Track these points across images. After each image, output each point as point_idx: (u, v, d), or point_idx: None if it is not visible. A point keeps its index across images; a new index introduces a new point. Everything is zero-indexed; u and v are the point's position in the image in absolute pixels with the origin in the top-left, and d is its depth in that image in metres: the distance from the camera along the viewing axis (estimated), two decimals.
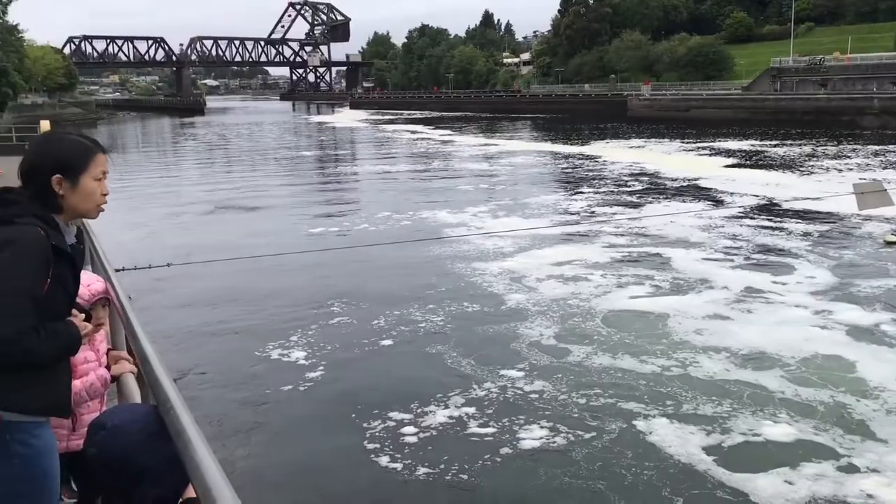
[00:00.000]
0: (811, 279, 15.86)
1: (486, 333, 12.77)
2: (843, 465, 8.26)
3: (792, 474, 8.03)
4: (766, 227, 21.65)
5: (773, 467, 8.19)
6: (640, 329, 12.81)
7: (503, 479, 8.12)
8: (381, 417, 9.48)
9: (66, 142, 2.69)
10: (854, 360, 11.22)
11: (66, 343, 2.60)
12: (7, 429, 2.50)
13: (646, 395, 10.09)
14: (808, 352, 11.56)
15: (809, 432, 9.00)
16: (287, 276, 16.41)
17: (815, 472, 8.07)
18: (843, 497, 7.62)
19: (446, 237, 20.72)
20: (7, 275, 2.39)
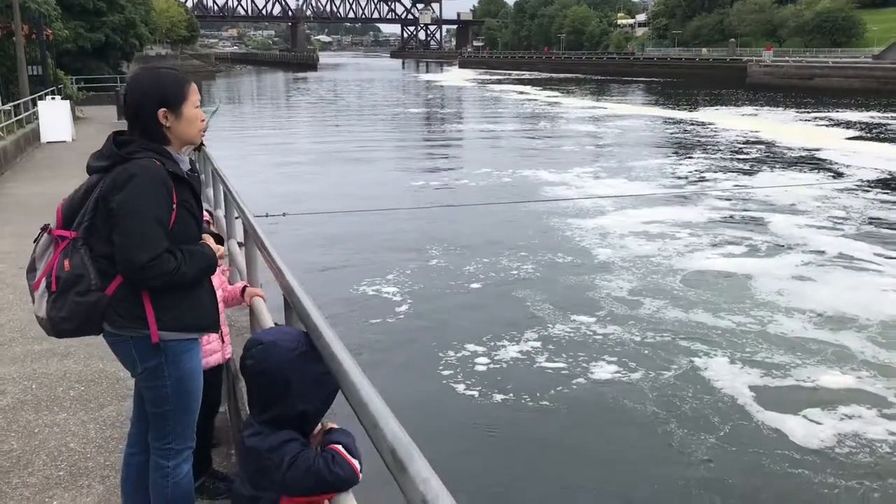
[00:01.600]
0: None
1: (568, 282, 13.36)
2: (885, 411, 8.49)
3: (832, 417, 8.37)
4: (883, 202, 20.78)
5: (822, 410, 8.53)
6: (723, 287, 13.10)
7: (572, 405, 8.78)
8: (460, 349, 10.26)
9: (163, 76, 2.84)
10: None
11: (203, 263, 2.84)
12: (164, 350, 2.80)
13: (713, 341, 10.53)
14: (889, 316, 11.52)
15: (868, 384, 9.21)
16: (389, 224, 17.29)
17: (853, 413, 8.45)
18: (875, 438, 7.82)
19: (544, 199, 21.09)
20: (134, 206, 2.64)
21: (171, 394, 2.87)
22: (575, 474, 7.57)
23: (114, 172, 2.69)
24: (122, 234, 2.64)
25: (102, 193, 2.70)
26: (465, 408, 8.71)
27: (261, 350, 2.39)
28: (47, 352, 5.84)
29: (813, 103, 56.31)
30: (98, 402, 4.94)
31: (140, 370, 2.85)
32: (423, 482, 1.51)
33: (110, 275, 2.71)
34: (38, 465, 4.14)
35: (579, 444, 8.07)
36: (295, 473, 2.26)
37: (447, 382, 9.31)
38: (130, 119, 2.81)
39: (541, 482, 7.37)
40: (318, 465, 2.27)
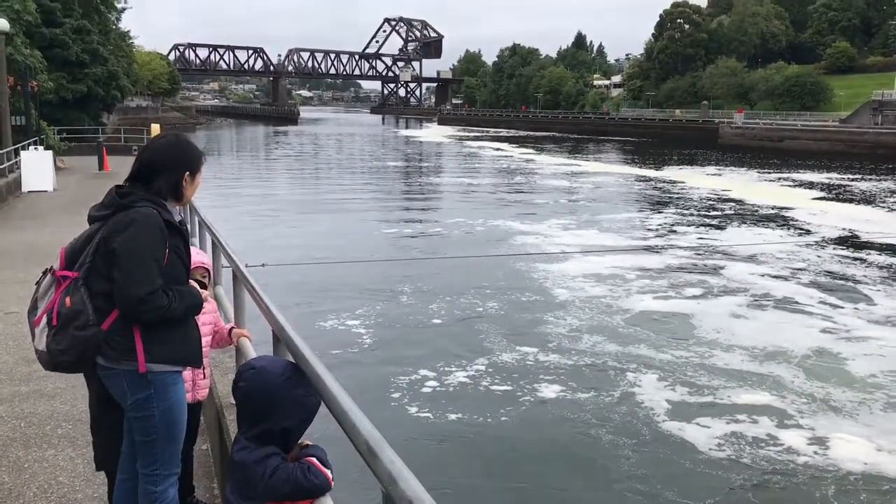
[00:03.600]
0: (873, 306, 16.30)
1: (524, 319, 14.52)
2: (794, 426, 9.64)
3: (740, 426, 9.59)
4: (843, 257, 21.79)
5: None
6: (666, 323, 14.36)
7: (515, 422, 9.87)
8: (413, 374, 11.44)
9: (193, 147, 3.32)
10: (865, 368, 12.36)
11: (191, 302, 3.13)
12: (153, 383, 3.04)
13: (645, 367, 11.90)
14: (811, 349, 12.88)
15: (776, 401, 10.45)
16: (364, 271, 18.19)
17: (758, 424, 9.60)
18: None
19: (514, 246, 22.07)
20: (134, 246, 2.94)
21: (159, 423, 3.09)
22: (518, 473, 8.53)
23: (115, 218, 3.02)
24: (122, 271, 2.92)
25: (104, 236, 3.00)
26: (417, 422, 9.77)
27: (252, 374, 2.74)
28: (35, 393, 5.98)
29: (782, 164, 58.39)
30: (85, 440, 4.93)
31: (130, 402, 3.06)
32: (390, 464, 1.95)
33: (105, 311, 2.98)
34: (28, 496, 4.30)
35: (522, 449, 9.10)
36: (276, 482, 2.59)
37: (400, 401, 10.45)
38: (144, 174, 3.16)
39: (486, 480, 8.37)
40: (296, 475, 2.63)
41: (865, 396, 10.90)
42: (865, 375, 11.78)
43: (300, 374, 2.77)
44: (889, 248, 22.65)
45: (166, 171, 3.16)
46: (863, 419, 10.11)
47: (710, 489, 8.18)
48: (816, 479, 8.48)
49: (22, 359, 6.72)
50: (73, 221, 13.16)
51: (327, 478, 2.72)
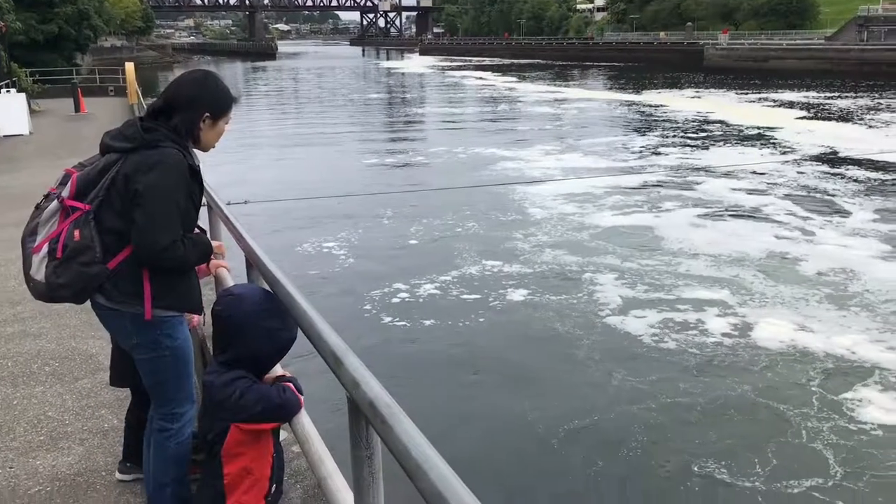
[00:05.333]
0: (845, 218, 16.92)
1: (498, 236, 15.26)
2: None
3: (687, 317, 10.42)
4: (823, 173, 22.28)
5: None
6: (639, 239, 15.09)
7: (485, 324, 10.78)
8: (387, 288, 12.23)
9: (222, 88, 3.10)
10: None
11: (203, 250, 3.05)
12: (159, 325, 2.97)
13: (611, 275, 12.73)
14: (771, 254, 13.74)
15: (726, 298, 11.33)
16: (343, 202, 18.51)
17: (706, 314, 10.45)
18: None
19: (497, 171, 22.45)
20: (161, 191, 2.81)
21: (170, 363, 3.03)
22: (485, 365, 9.46)
23: (139, 155, 2.83)
24: (147, 214, 2.78)
25: (126, 172, 2.82)
26: (389, 329, 10.59)
27: (230, 300, 2.80)
28: (20, 333, 6.02)
29: (767, 85, 58.50)
30: (73, 376, 5.10)
31: (136, 342, 3.00)
32: (354, 370, 2.05)
33: (114, 250, 2.85)
34: (18, 431, 4.34)
35: (490, 345, 10.05)
36: (246, 402, 2.65)
37: (372, 312, 11.28)
38: (167, 108, 2.98)
39: (454, 374, 9.25)
40: (268, 394, 2.71)
41: (808, 292, 11.78)
42: (816, 275, 12.61)
43: (276, 303, 2.79)
44: (867, 164, 23.18)
45: (185, 109, 2.98)
46: (799, 309, 11.01)
47: (653, 367, 9.17)
48: (741, 356, 9.49)
49: (6, 300, 6.87)
50: (52, 164, 13.46)
51: (300, 401, 2.79)
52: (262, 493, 2.80)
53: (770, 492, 6.56)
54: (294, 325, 2.71)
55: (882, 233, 15.26)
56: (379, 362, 9.09)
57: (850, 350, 9.41)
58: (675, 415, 8.00)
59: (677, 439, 7.50)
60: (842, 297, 11.49)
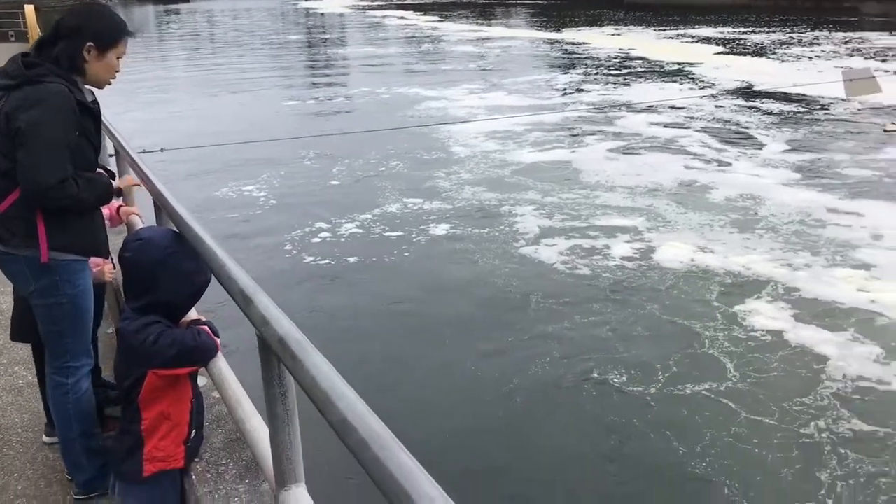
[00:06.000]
0: (758, 150, 17.80)
1: (420, 176, 15.57)
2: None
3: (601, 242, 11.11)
4: (738, 107, 23.13)
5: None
6: (559, 173, 15.61)
7: (408, 258, 11.24)
8: (308, 228, 12.52)
9: (108, 17, 3.00)
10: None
11: (101, 191, 2.98)
12: (57, 269, 2.88)
13: (530, 207, 13.19)
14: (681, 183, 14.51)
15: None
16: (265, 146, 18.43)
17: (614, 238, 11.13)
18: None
19: (421, 111, 22.60)
20: (44, 128, 2.69)
21: (68, 311, 2.96)
22: (405, 296, 9.92)
23: (21, 92, 2.74)
24: (30, 153, 2.68)
25: (6, 111, 2.73)
26: (310, 269, 10.90)
27: (138, 245, 2.71)
28: None
29: (686, 21, 59.42)
30: None
31: (33, 288, 2.93)
32: (264, 308, 2.02)
33: (2, 192, 2.78)
34: None
35: (411, 278, 10.47)
36: (160, 347, 2.61)
37: (292, 252, 11.55)
38: (53, 40, 2.89)
39: (377, 306, 9.69)
40: (183, 337, 2.67)
41: (716, 217, 12.52)
42: (725, 201, 13.38)
43: (187, 245, 2.71)
44: (781, 97, 24.16)
45: (67, 38, 2.87)
46: (706, 233, 11.75)
47: (568, 291, 9.79)
48: (650, 277, 10.21)
49: None
50: None
51: (216, 344, 2.81)
52: (181, 438, 2.80)
53: (670, 395, 7.20)
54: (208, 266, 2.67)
55: (791, 162, 16.11)
56: (300, 301, 9.46)
57: (747, 267, 10.17)
58: (588, 332, 8.59)
59: (589, 355, 8.07)
60: (747, 221, 12.25)
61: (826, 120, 20.49)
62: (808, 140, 18.14)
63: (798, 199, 13.32)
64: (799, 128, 19.65)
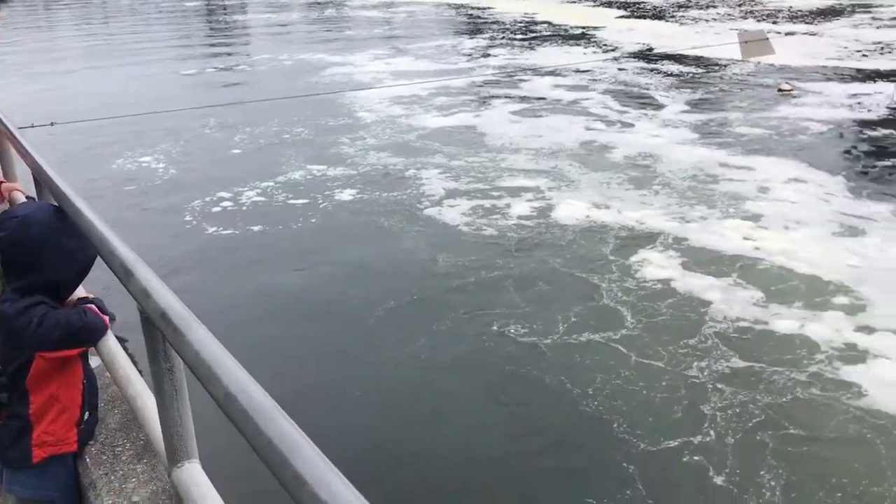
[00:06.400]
0: (658, 111, 18.46)
1: (326, 142, 15.67)
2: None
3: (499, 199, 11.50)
4: (640, 69, 23.85)
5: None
6: (464, 137, 15.89)
7: (315, 224, 11.37)
8: (208, 198, 12.46)
9: None
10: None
11: None
12: None
13: (436, 171, 13.42)
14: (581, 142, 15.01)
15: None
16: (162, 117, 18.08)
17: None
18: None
19: (327, 77, 22.47)
20: None
21: None
22: (314, 257, 10.06)
23: None
24: None
25: None
26: (211, 239, 10.89)
27: (15, 223, 2.59)
28: None
29: None
30: None
31: None
32: (145, 281, 1.95)
33: None
34: None
35: (319, 241, 10.66)
36: (45, 329, 2.50)
37: (193, 223, 11.47)
38: None
39: (285, 273, 9.76)
40: (68, 318, 2.57)
41: (616, 175, 13.06)
42: (624, 160, 13.95)
43: (68, 220, 2.60)
44: (680, 59, 25.01)
45: None
46: (605, 191, 12.28)
47: (474, 249, 10.13)
48: (552, 234, 10.64)
49: None
50: None
51: (105, 322, 2.73)
52: (73, 421, 2.72)
53: (567, 344, 7.60)
54: None
55: (689, 122, 16.81)
56: (203, 274, 9.48)
57: (642, 221, 10.71)
58: (491, 288, 8.93)
59: (492, 309, 8.40)
60: (645, 178, 12.82)
61: (722, 81, 21.39)
62: (706, 100, 18.94)
63: (693, 157, 13.97)
64: (697, 89, 20.46)
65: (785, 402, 6.46)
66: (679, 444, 6.11)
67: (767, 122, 16.36)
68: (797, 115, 16.76)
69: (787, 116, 16.77)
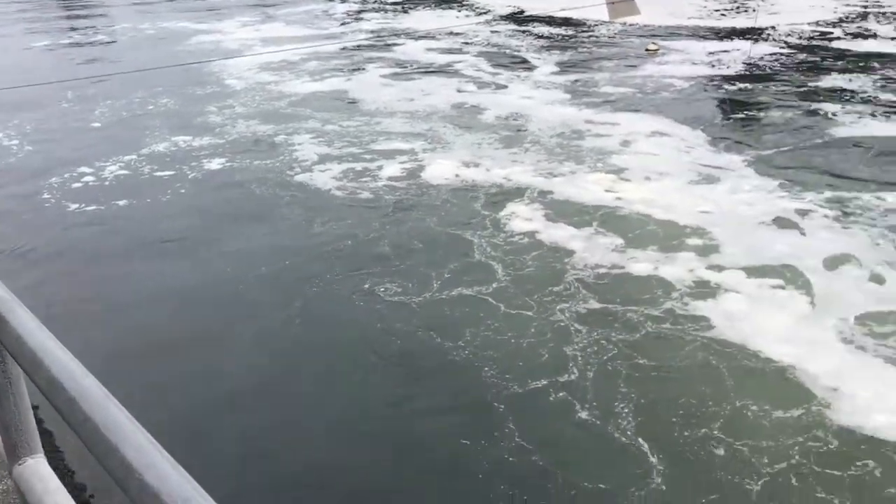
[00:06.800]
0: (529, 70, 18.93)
1: (192, 112, 15.44)
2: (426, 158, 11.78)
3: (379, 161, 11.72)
4: (511, 31, 24.29)
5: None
6: (336, 103, 15.96)
7: (184, 196, 11.27)
8: (68, 174, 12.12)
9: None
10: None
11: None
12: None
13: (308, 136, 13.45)
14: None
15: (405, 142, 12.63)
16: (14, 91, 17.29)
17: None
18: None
19: (192, 45, 21.90)
20: None
21: None
22: (187, 230, 9.99)
23: None
24: None
25: None
26: (74, 216, 10.60)
27: None
28: None
29: None
30: None
31: None
32: None
33: None
34: None
35: (188, 215, 10.57)
36: None
37: (52, 200, 11.14)
38: None
39: (149, 247, 9.59)
40: None
41: (487, 135, 13.46)
42: (496, 120, 14.37)
43: None
44: (551, 21, 25.69)
45: None
46: (477, 151, 12.65)
47: (349, 213, 10.30)
48: (427, 193, 10.90)
49: None
50: None
51: None
52: None
53: (439, 300, 7.90)
54: None
55: (559, 83, 17.35)
56: (61, 254, 9.29)
57: (511, 178, 11.15)
58: (368, 249, 9.12)
59: (368, 269, 8.60)
60: (516, 137, 13.25)
61: (591, 41, 22.12)
62: (575, 61, 19.57)
63: (563, 115, 14.51)
64: (567, 50, 21.09)
65: (640, 338, 6.98)
66: (546, 383, 6.52)
67: (633, 81, 17.10)
68: (661, 73, 17.60)
69: (652, 74, 17.57)
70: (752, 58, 19.04)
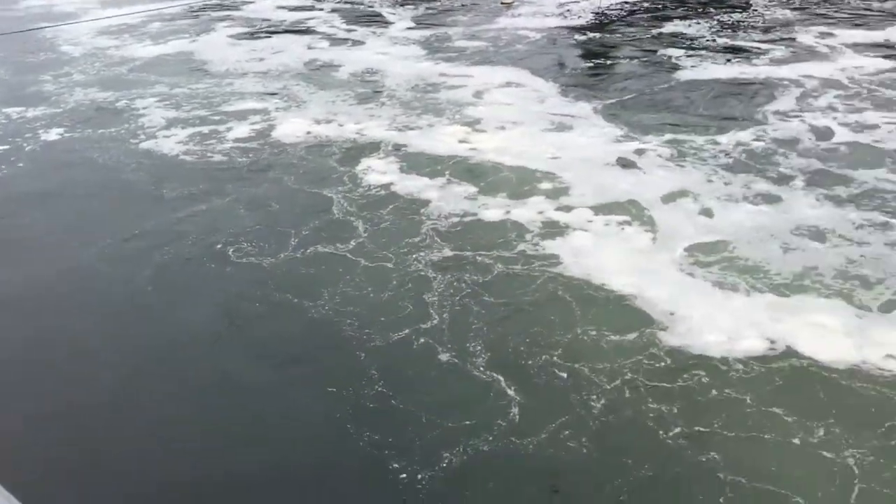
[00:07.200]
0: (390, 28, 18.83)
1: (24, 82, 14.80)
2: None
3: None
4: None
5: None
6: (185, 67, 15.58)
7: (23, 169, 10.89)
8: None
9: None
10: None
11: None
12: None
13: (154, 100, 13.20)
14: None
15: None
16: None
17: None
18: None
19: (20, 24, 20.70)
20: None
21: None
22: (86, 207, 9.65)
23: None
24: None
25: None
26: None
27: None
28: None
29: None
30: None
31: None
32: None
33: None
34: None
35: (23, 191, 10.19)
36: None
37: None
38: None
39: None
40: None
41: (342, 92, 13.47)
42: (351, 77, 14.39)
43: None
44: None
45: None
46: (331, 108, 12.67)
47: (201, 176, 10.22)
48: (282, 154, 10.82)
49: None
50: None
51: None
52: None
53: (297, 259, 8.00)
54: None
55: (414, 38, 17.45)
56: None
57: (364, 133, 11.30)
58: (222, 212, 9.07)
59: (222, 232, 8.54)
60: (371, 93, 13.36)
61: None
62: (431, 16, 19.73)
63: (418, 70, 14.68)
64: (421, 4, 21.21)
65: (492, 279, 7.34)
66: (408, 332, 6.74)
67: (488, 34, 17.44)
68: (515, 26, 18.02)
69: (506, 27, 17.98)
70: (601, 8, 19.78)
